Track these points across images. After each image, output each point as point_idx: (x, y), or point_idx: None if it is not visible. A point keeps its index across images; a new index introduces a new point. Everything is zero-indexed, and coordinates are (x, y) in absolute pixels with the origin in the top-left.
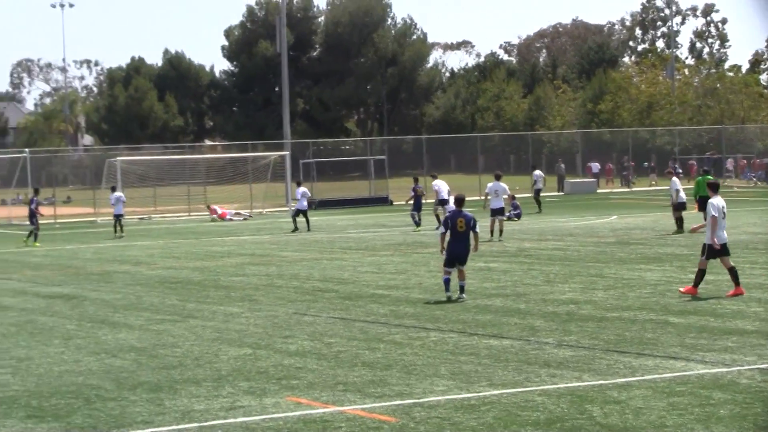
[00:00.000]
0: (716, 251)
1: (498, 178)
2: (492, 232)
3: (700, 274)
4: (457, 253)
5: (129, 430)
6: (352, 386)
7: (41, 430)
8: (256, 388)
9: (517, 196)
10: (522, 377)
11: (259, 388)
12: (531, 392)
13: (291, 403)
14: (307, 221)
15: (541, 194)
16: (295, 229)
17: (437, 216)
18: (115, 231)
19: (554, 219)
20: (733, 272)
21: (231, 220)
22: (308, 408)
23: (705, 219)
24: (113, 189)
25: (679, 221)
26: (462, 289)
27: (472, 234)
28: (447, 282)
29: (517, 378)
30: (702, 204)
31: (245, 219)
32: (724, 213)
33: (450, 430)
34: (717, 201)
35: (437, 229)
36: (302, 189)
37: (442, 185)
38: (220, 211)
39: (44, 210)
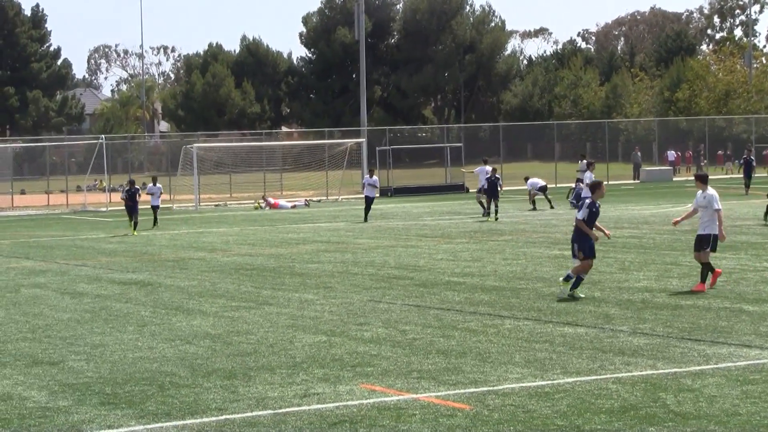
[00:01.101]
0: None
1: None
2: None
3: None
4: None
5: (203, 417)
6: (426, 374)
7: (115, 417)
8: (330, 375)
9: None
10: (596, 365)
11: (334, 375)
12: (605, 380)
13: (365, 390)
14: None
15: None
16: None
17: (481, 203)
18: (155, 223)
19: (630, 207)
20: (709, 267)
21: (294, 206)
22: (382, 395)
23: None
24: (154, 180)
25: None
26: (566, 277)
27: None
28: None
29: (592, 366)
30: None
31: (306, 205)
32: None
33: (524, 417)
34: (716, 193)
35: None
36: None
37: (482, 173)
38: (273, 201)
39: (116, 196)
